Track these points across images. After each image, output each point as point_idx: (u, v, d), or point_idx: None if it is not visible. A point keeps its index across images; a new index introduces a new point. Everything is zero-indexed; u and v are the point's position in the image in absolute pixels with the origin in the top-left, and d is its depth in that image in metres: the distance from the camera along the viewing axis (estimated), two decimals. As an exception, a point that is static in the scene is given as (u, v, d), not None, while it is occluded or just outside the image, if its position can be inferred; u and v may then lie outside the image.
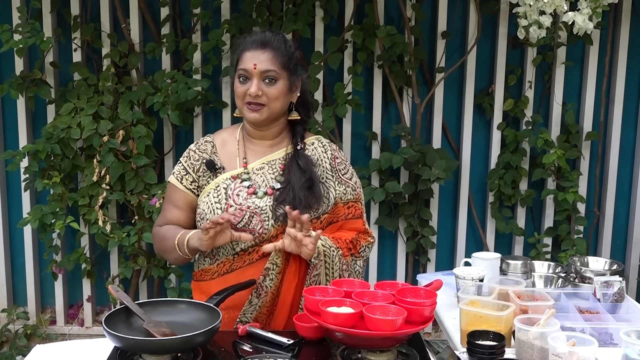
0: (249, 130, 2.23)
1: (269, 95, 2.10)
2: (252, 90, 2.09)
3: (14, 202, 4.09)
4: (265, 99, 2.10)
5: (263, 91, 2.09)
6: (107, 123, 3.64)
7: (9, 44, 3.55)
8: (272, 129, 2.21)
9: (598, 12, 3.01)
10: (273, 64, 2.10)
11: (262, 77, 2.10)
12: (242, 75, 2.12)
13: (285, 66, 2.13)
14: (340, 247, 2.14)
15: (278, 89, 2.11)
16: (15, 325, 4.05)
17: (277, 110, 2.15)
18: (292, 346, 1.84)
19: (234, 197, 2.13)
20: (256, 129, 2.20)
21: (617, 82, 3.98)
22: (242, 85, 2.12)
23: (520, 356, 1.83)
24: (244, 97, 2.12)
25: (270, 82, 2.10)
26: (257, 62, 2.09)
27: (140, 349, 1.74)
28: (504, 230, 4.03)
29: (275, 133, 2.22)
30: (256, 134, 2.22)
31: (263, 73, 2.09)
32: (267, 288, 2.10)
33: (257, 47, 2.11)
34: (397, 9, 3.91)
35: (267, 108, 2.12)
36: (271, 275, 2.09)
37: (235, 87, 2.15)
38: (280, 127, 2.22)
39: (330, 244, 2.11)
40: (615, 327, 2.03)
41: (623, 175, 4.13)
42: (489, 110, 4.00)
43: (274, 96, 2.11)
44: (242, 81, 2.12)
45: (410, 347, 1.81)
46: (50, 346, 2.02)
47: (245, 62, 2.11)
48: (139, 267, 3.90)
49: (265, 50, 2.11)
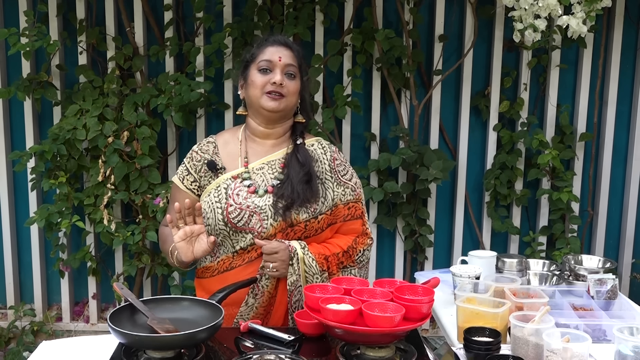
0: (253, 129, 2.25)
1: (289, 88, 2.17)
2: (277, 78, 2.15)
3: (21, 202, 4.11)
4: (286, 91, 2.17)
5: (284, 83, 2.16)
6: (112, 124, 3.66)
7: (16, 47, 3.56)
8: (279, 127, 2.24)
9: (592, 16, 3.03)
10: (294, 60, 2.20)
11: (285, 70, 2.17)
12: (263, 67, 2.17)
13: (300, 67, 2.23)
14: (330, 267, 2.15)
15: (296, 84, 2.20)
16: (22, 322, 4.07)
17: (292, 105, 2.21)
18: (293, 342, 1.84)
19: (234, 197, 2.15)
20: (265, 126, 2.23)
21: (610, 84, 4.00)
22: (263, 76, 2.17)
23: (515, 352, 1.82)
24: (264, 87, 2.16)
25: (291, 77, 2.18)
26: (282, 55, 2.17)
27: (144, 345, 1.74)
28: (499, 229, 4.04)
29: (279, 132, 2.25)
30: (262, 132, 2.24)
31: (286, 66, 2.17)
32: (263, 288, 2.12)
33: (279, 44, 2.20)
34: (395, 12, 3.93)
35: (285, 99, 2.17)
36: (267, 275, 2.12)
37: (252, 79, 2.18)
38: (285, 127, 2.25)
39: (315, 271, 2.13)
40: (609, 324, 2.04)
41: (616, 175, 4.15)
42: (485, 111, 4.02)
43: (293, 90, 2.19)
44: (263, 72, 2.17)
45: (408, 343, 1.82)
46: (56, 342, 2.02)
47: (268, 54, 2.18)
48: (143, 265, 3.92)
49: (287, 48, 2.20)
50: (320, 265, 2.13)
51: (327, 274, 2.15)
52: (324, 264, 2.14)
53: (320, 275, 2.14)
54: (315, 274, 2.13)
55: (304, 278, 2.11)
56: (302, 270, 2.11)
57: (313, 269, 2.12)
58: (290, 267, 2.11)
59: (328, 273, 2.16)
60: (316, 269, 2.13)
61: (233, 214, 2.13)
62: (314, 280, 2.12)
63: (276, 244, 2.10)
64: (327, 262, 2.15)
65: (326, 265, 2.15)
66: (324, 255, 2.15)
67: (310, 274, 2.12)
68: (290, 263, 2.10)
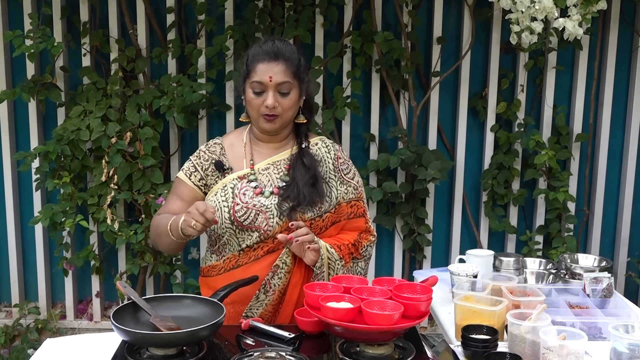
0: (257, 134, 2.27)
1: (283, 106, 2.15)
2: (269, 102, 2.12)
3: (26, 202, 4.12)
4: (280, 110, 2.14)
5: (278, 102, 2.13)
6: (115, 125, 3.68)
7: (20, 49, 3.57)
8: (281, 133, 2.25)
9: (587, 19, 3.06)
10: (287, 75, 2.13)
11: (277, 89, 2.13)
12: (256, 90, 2.14)
13: (296, 75, 2.16)
14: (344, 256, 2.19)
15: (292, 99, 2.16)
16: (26, 320, 4.09)
17: (289, 118, 2.21)
18: (293, 340, 1.87)
19: (240, 196, 2.17)
20: (265, 134, 2.25)
21: (606, 85, 4.01)
22: (257, 98, 2.14)
23: (512, 350, 1.83)
24: (260, 109, 2.14)
25: (285, 95, 2.14)
26: (272, 74, 2.11)
27: (147, 343, 1.76)
28: (497, 228, 4.06)
29: (282, 136, 2.26)
30: (264, 137, 2.25)
31: (278, 85, 2.12)
32: (275, 286, 2.15)
33: (270, 59, 2.13)
34: (394, 15, 3.94)
35: (280, 118, 2.16)
36: (280, 274, 2.14)
37: (249, 99, 2.16)
38: (287, 130, 2.27)
39: (336, 258, 2.17)
40: (604, 322, 2.05)
41: (612, 175, 4.16)
42: (482, 112, 4.04)
43: (288, 107, 2.16)
44: (256, 93, 2.14)
45: (406, 341, 1.83)
46: (60, 340, 2.03)
47: (259, 74, 2.13)
48: (145, 264, 3.92)
49: (278, 61, 2.13)
50: (338, 253, 2.18)
51: (344, 262, 2.20)
52: (339, 252, 2.19)
53: (340, 262, 2.18)
54: (337, 260, 2.17)
55: (327, 264, 2.16)
56: (325, 255, 2.15)
57: (334, 256, 2.17)
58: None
59: (344, 261, 2.20)
60: (336, 255, 2.18)
61: (239, 213, 2.15)
62: (335, 266, 2.17)
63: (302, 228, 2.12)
64: (341, 250, 2.20)
65: (341, 253, 2.19)
66: (337, 245, 2.20)
67: (333, 260, 2.17)
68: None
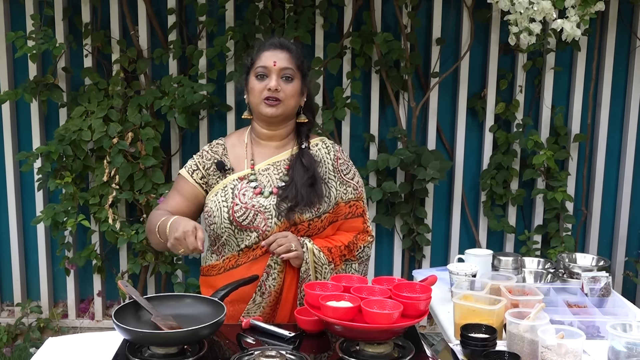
0: (258, 132, 2.28)
1: (286, 91, 2.18)
2: (272, 84, 2.16)
3: (28, 201, 4.14)
4: (283, 95, 2.18)
5: (281, 87, 2.17)
6: (116, 125, 3.70)
7: (23, 50, 3.60)
8: (282, 129, 2.27)
9: (586, 20, 3.08)
10: (290, 63, 2.20)
11: (281, 74, 2.18)
12: (260, 73, 2.19)
13: (299, 68, 2.22)
14: (334, 259, 2.20)
15: (294, 87, 2.20)
16: (29, 319, 4.11)
17: (291, 108, 2.23)
18: (293, 339, 1.88)
19: (240, 196, 2.19)
20: (267, 129, 2.26)
21: (604, 86, 4.02)
22: (260, 82, 2.19)
23: (511, 348, 1.83)
24: (262, 93, 2.18)
25: (288, 80, 2.19)
26: (277, 59, 2.18)
27: (148, 342, 1.77)
28: (495, 228, 4.07)
29: (283, 134, 2.28)
30: (265, 134, 2.27)
31: (282, 70, 2.18)
32: (270, 287, 2.16)
33: (275, 47, 2.21)
34: (393, 16, 3.96)
35: (282, 104, 2.18)
36: (273, 275, 2.16)
37: (251, 86, 2.21)
38: (289, 128, 2.29)
39: (323, 262, 2.18)
40: (602, 321, 2.05)
41: (609, 175, 4.17)
42: (481, 113, 4.05)
43: (291, 93, 2.19)
44: (259, 78, 2.19)
45: (406, 340, 1.84)
46: (62, 339, 2.04)
47: (264, 59, 2.19)
48: (147, 263, 3.95)
49: (283, 50, 2.21)
50: (327, 256, 2.19)
51: (333, 265, 2.20)
52: (329, 256, 2.20)
53: (328, 266, 2.19)
54: (324, 264, 2.18)
55: (313, 268, 2.17)
56: (311, 260, 2.16)
57: (322, 260, 2.18)
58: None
59: (334, 264, 2.21)
60: (324, 259, 2.18)
61: (238, 213, 2.17)
62: (322, 270, 2.18)
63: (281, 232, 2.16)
64: (331, 253, 2.21)
65: (331, 256, 2.20)
66: (327, 247, 2.21)
67: (320, 264, 2.18)
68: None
